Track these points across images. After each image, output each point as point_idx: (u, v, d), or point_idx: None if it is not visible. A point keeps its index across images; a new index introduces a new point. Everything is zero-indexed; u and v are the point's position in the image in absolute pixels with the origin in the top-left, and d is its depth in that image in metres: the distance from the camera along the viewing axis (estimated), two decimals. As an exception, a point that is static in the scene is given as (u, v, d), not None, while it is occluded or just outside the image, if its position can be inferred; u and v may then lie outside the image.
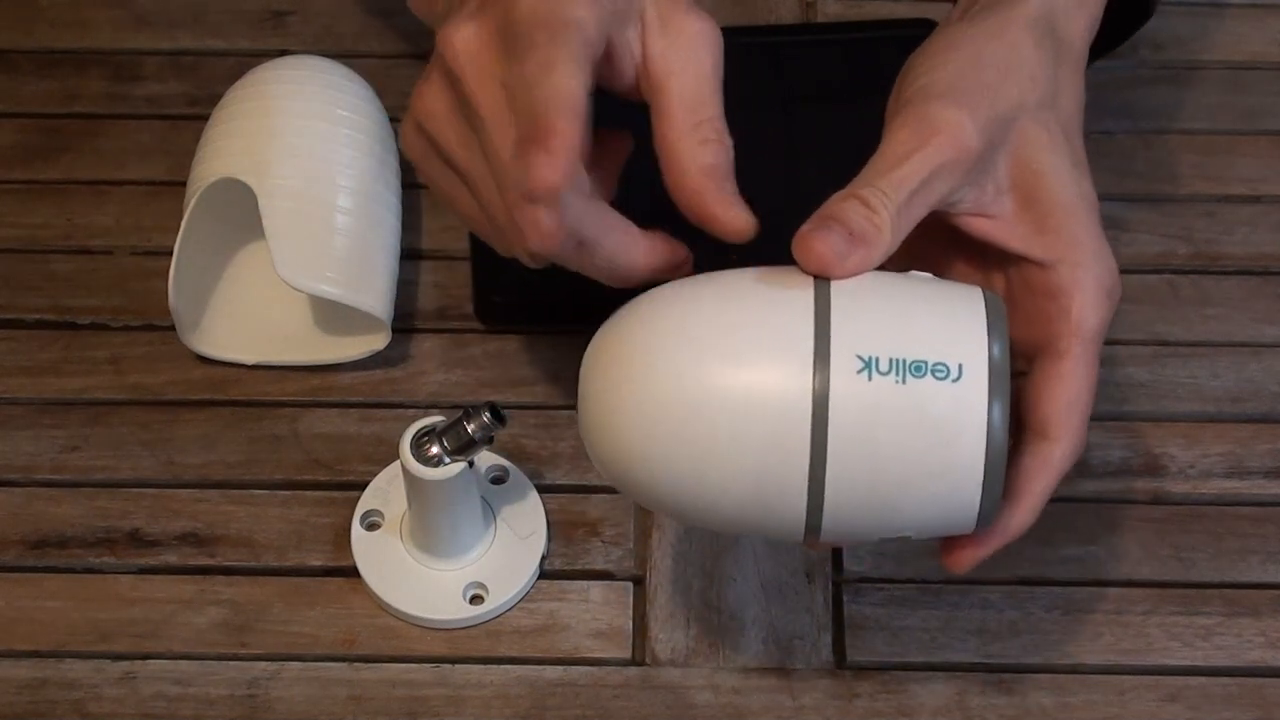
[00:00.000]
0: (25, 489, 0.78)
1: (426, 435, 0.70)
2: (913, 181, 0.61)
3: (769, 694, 0.73)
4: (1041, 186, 0.63)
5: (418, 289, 0.83)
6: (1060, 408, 0.63)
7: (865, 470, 0.59)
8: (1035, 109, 0.64)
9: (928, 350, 0.58)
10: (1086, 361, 0.63)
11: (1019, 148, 0.63)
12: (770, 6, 0.93)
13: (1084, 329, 0.63)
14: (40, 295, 0.83)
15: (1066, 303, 0.63)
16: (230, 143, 0.79)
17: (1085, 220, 0.64)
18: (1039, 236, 0.63)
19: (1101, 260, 0.64)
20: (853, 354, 0.58)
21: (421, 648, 0.74)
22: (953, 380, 0.58)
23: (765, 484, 0.59)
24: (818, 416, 0.58)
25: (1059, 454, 0.63)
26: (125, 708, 0.72)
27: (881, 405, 0.58)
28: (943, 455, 0.58)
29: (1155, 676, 0.73)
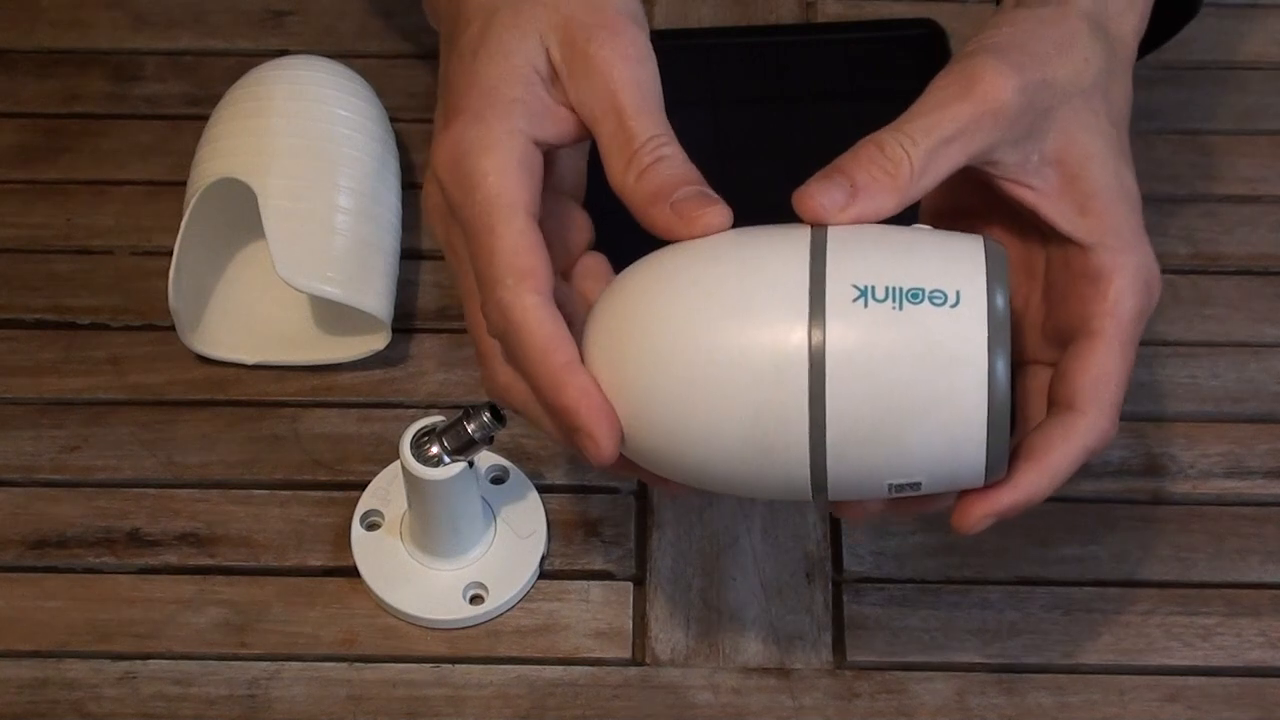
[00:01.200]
0: (25, 489, 0.78)
1: (426, 435, 0.71)
2: (946, 129, 0.61)
3: (769, 694, 0.73)
4: (1086, 168, 0.63)
5: (418, 289, 0.83)
6: (1088, 382, 0.62)
7: (867, 401, 0.57)
8: (1088, 92, 0.63)
9: (924, 278, 0.58)
10: (1121, 344, 0.62)
11: (1068, 125, 0.63)
12: (770, 6, 0.93)
13: (1119, 311, 0.62)
14: (40, 295, 0.83)
15: (1105, 285, 0.62)
16: (230, 143, 0.79)
17: (1126, 210, 0.63)
18: (1081, 217, 0.63)
19: (1141, 252, 0.63)
20: (848, 284, 0.57)
21: (421, 648, 0.74)
22: (951, 306, 0.57)
23: (766, 427, 0.58)
24: (815, 355, 0.57)
25: (1083, 425, 0.62)
26: (125, 708, 0.72)
27: (879, 331, 0.57)
28: (944, 382, 0.57)
29: (1155, 676, 0.73)
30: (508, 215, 0.60)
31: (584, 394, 0.60)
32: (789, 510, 0.77)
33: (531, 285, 0.60)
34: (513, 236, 0.60)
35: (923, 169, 0.60)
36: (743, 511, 0.77)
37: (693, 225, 0.60)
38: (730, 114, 0.82)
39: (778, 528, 0.76)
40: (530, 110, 0.62)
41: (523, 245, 0.60)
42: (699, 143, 0.78)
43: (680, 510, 0.77)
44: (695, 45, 0.89)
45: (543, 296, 0.60)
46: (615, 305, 0.61)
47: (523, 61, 0.62)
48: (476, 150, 0.61)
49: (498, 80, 0.62)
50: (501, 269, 0.60)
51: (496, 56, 0.63)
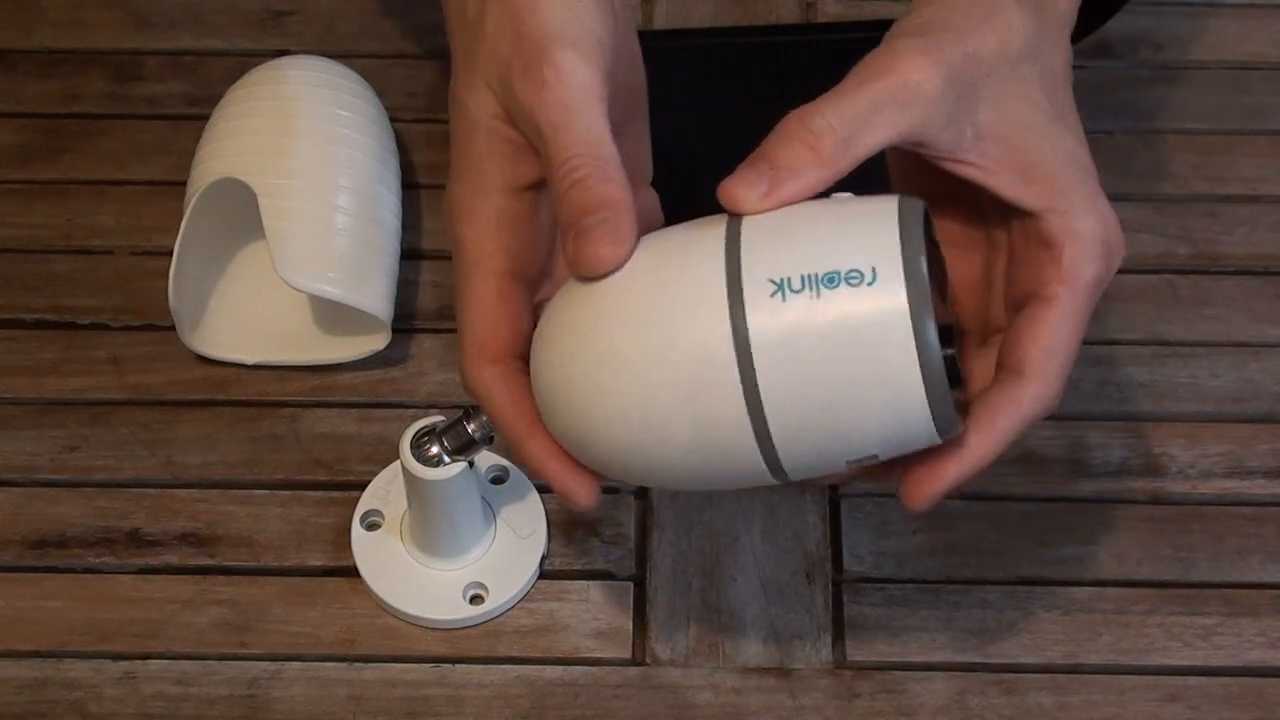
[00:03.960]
0: (25, 489, 0.78)
1: (426, 435, 0.71)
2: (871, 99, 0.61)
3: (769, 694, 0.73)
4: (1023, 137, 0.63)
5: (418, 289, 0.83)
6: (1038, 349, 0.62)
7: (801, 393, 0.57)
8: (1016, 61, 0.63)
9: (838, 260, 0.57)
10: (1074, 310, 0.62)
11: (998, 96, 0.62)
12: (770, 6, 0.93)
13: (1073, 276, 0.62)
14: (40, 295, 0.83)
15: (1058, 251, 0.62)
16: (230, 143, 0.79)
17: (1073, 173, 0.63)
18: (1025, 185, 0.62)
19: (1095, 211, 0.63)
20: (764, 280, 0.57)
21: (421, 648, 0.74)
22: (868, 284, 0.57)
23: (711, 434, 0.58)
24: (741, 352, 0.57)
25: (1030, 394, 0.62)
26: (125, 708, 0.72)
27: (801, 324, 0.57)
28: (875, 361, 0.57)
29: (1155, 676, 0.73)
30: (478, 284, 0.63)
31: (545, 458, 0.63)
32: (789, 510, 0.77)
33: (488, 356, 0.63)
34: (476, 306, 0.63)
35: (847, 138, 0.60)
36: (743, 512, 0.77)
37: (584, 263, 0.60)
38: (730, 114, 0.82)
39: (778, 528, 0.76)
40: (501, 160, 0.64)
41: (484, 316, 0.63)
42: (699, 143, 0.78)
43: (680, 510, 0.77)
44: (695, 45, 0.89)
45: (496, 366, 0.63)
46: (551, 325, 0.62)
47: (479, 113, 0.64)
48: (458, 216, 0.64)
49: (464, 138, 0.64)
50: (466, 339, 0.64)
51: (462, 114, 0.64)
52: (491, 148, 0.64)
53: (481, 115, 0.64)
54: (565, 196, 0.61)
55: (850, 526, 0.76)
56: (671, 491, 0.61)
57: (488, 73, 0.63)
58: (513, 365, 0.64)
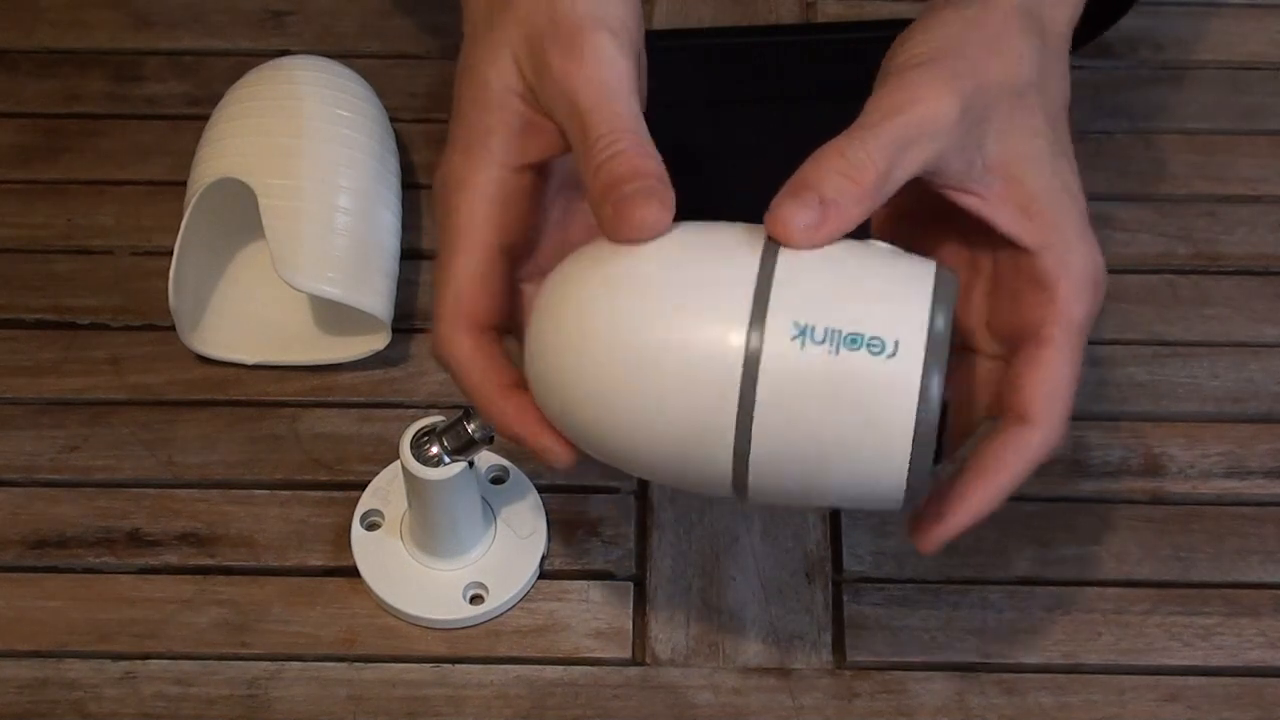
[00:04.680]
0: (25, 489, 0.78)
1: (426, 435, 0.71)
2: (901, 134, 0.61)
3: (769, 694, 0.73)
4: (1025, 171, 0.63)
5: (418, 289, 0.83)
6: (1041, 394, 0.62)
7: (791, 436, 0.58)
8: (1022, 89, 0.63)
9: (865, 323, 0.58)
10: (1070, 350, 0.62)
11: (1005, 127, 0.63)
12: (770, 6, 0.93)
13: (1067, 317, 0.62)
14: (40, 295, 0.83)
15: (1051, 290, 0.62)
16: (230, 143, 0.79)
17: (1068, 209, 0.63)
18: (1025, 220, 0.63)
19: (1086, 251, 0.63)
20: (790, 319, 0.57)
21: (421, 648, 0.74)
22: (887, 356, 0.57)
23: (693, 441, 0.59)
24: (747, 377, 0.57)
25: (1037, 440, 0.62)
26: (125, 708, 0.72)
27: (812, 374, 0.57)
28: (870, 432, 0.58)
29: (1155, 676, 0.73)
30: (463, 255, 0.63)
31: (521, 415, 0.63)
32: (789, 510, 0.77)
33: (466, 323, 0.63)
34: (459, 276, 0.63)
35: (886, 171, 0.60)
36: (742, 511, 0.77)
37: (627, 224, 0.60)
38: (730, 114, 0.82)
39: (778, 528, 0.76)
40: (509, 134, 0.63)
41: (466, 286, 0.63)
42: (699, 142, 0.79)
43: (680, 510, 0.77)
44: (695, 45, 0.89)
45: (475, 334, 0.63)
46: (557, 293, 0.61)
47: (498, 84, 0.63)
48: (453, 186, 0.64)
49: (474, 107, 0.64)
50: (442, 305, 0.63)
51: (476, 83, 0.64)
52: (502, 121, 0.63)
53: (498, 86, 0.63)
54: (603, 167, 0.60)
55: (850, 526, 0.76)
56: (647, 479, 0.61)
57: (515, 45, 0.63)
58: (490, 335, 0.64)
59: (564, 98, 0.62)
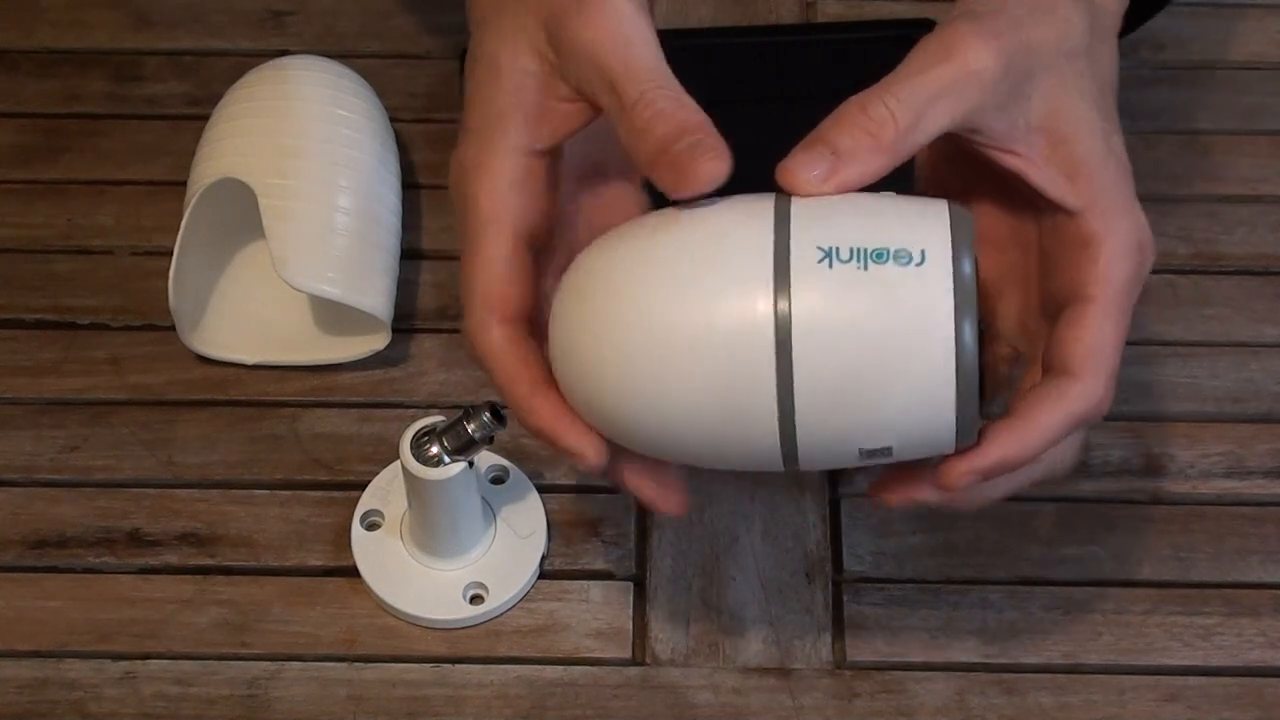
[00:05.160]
0: (25, 489, 0.78)
1: (426, 435, 0.71)
2: (931, 87, 0.60)
3: (769, 694, 0.73)
4: (1073, 133, 0.62)
5: (418, 289, 0.83)
6: (1083, 349, 0.61)
7: (834, 365, 0.57)
8: (1072, 55, 0.63)
9: (889, 238, 0.57)
10: (1116, 311, 0.62)
11: (1053, 89, 0.62)
12: (770, 6, 0.93)
13: (1111, 276, 0.61)
14: (40, 295, 0.83)
15: (1095, 251, 0.62)
16: (230, 143, 0.79)
17: (1115, 175, 0.63)
18: (1069, 182, 0.62)
19: (1131, 215, 0.63)
20: (813, 246, 0.57)
21: (421, 648, 0.74)
22: (916, 265, 0.57)
23: (735, 397, 0.58)
24: (780, 311, 0.57)
25: (1077, 390, 0.61)
26: (125, 708, 0.72)
27: (845, 292, 0.57)
28: (912, 343, 0.57)
29: (1155, 676, 0.73)
30: (489, 242, 0.62)
31: (555, 416, 0.61)
32: (789, 510, 0.77)
33: (498, 315, 0.62)
34: (488, 264, 0.62)
35: (909, 126, 0.60)
36: (742, 511, 0.77)
37: (691, 181, 0.59)
38: (730, 114, 0.82)
39: (778, 528, 0.76)
40: (525, 119, 0.63)
41: (496, 273, 0.62)
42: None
43: (680, 510, 0.77)
44: (695, 45, 0.89)
45: (507, 325, 0.62)
46: (579, 285, 0.61)
47: (512, 68, 0.63)
48: (471, 172, 0.63)
49: (491, 93, 0.63)
50: (474, 296, 0.62)
51: (488, 68, 0.63)
52: (517, 105, 0.63)
53: (512, 70, 0.63)
54: (648, 127, 0.60)
55: (850, 526, 0.76)
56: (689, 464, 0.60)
57: (531, 27, 0.62)
58: (522, 328, 0.62)
59: (592, 67, 0.61)
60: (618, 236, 0.61)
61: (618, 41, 0.61)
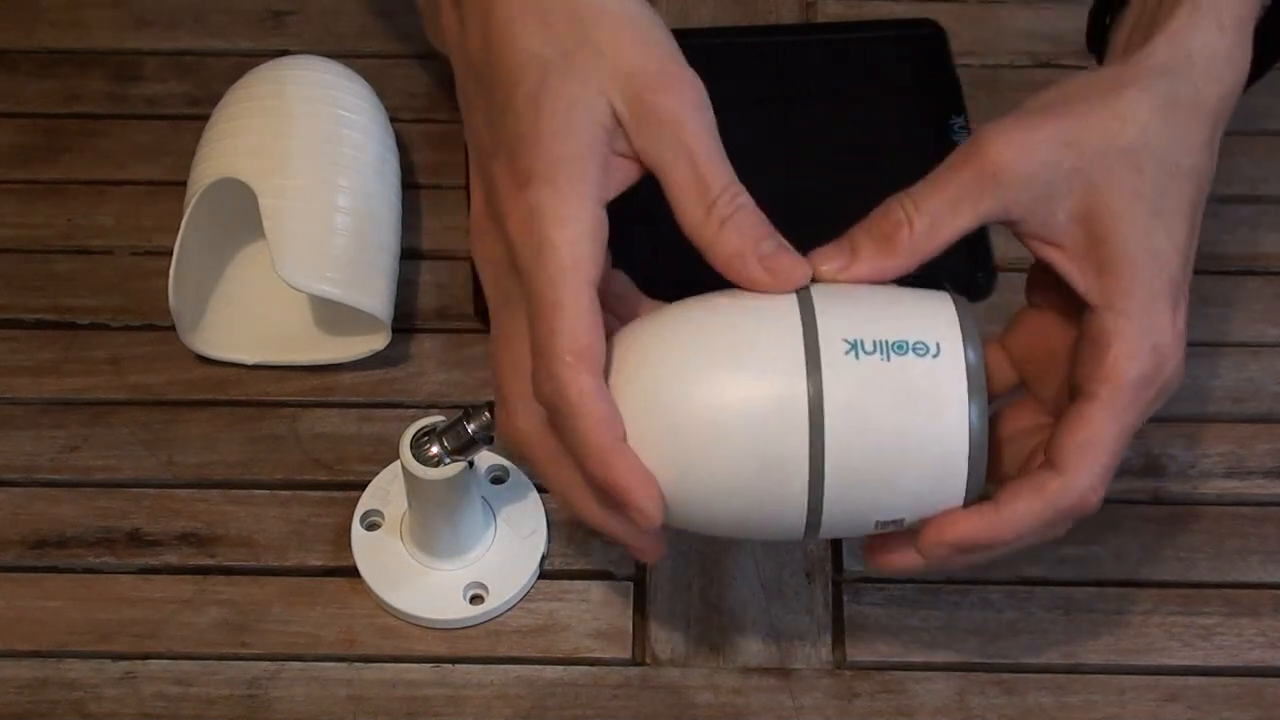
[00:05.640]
0: (25, 489, 0.78)
1: (426, 435, 0.71)
2: (950, 193, 0.62)
3: (769, 694, 0.73)
4: (1111, 229, 0.62)
5: (418, 289, 0.83)
6: (1074, 443, 0.62)
7: (861, 447, 0.61)
8: (1127, 149, 0.63)
9: (907, 332, 0.61)
10: (1115, 409, 0.62)
11: (1098, 183, 0.62)
12: (770, 6, 0.93)
13: (1115, 375, 0.62)
14: (40, 295, 0.83)
15: (1104, 348, 0.62)
16: (230, 143, 0.79)
17: (1146, 275, 0.63)
18: (1098, 279, 0.63)
19: (1153, 315, 0.63)
20: (840, 339, 0.61)
21: (421, 648, 0.74)
22: (933, 356, 0.61)
23: (769, 475, 0.61)
24: (813, 399, 0.61)
25: (1057, 484, 0.62)
26: (125, 708, 0.72)
27: (870, 379, 0.61)
28: (930, 426, 0.61)
29: (1155, 676, 0.73)
30: (575, 291, 0.62)
31: (633, 471, 0.62)
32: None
33: (589, 366, 0.61)
34: (577, 314, 0.61)
35: (925, 232, 0.62)
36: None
37: (784, 281, 0.62)
38: (730, 114, 0.82)
39: (778, 528, 0.76)
40: (598, 170, 0.63)
41: (585, 324, 0.62)
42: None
43: (680, 510, 0.77)
44: (695, 45, 0.88)
45: (597, 377, 0.62)
46: (626, 361, 0.63)
47: (587, 118, 0.63)
48: (551, 220, 0.62)
49: (566, 140, 0.63)
50: (562, 346, 0.61)
51: (560, 113, 0.63)
52: (593, 154, 0.63)
53: (588, 120, 0.63)
54: (732, 221, 0.62)
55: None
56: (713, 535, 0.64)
57: (608, 81, 0.63)
58: (604, 378, 0.62)
59: (675, 141, 0.62)
60: (659, 320, 0.63)
61: (701, 125, 0.63)
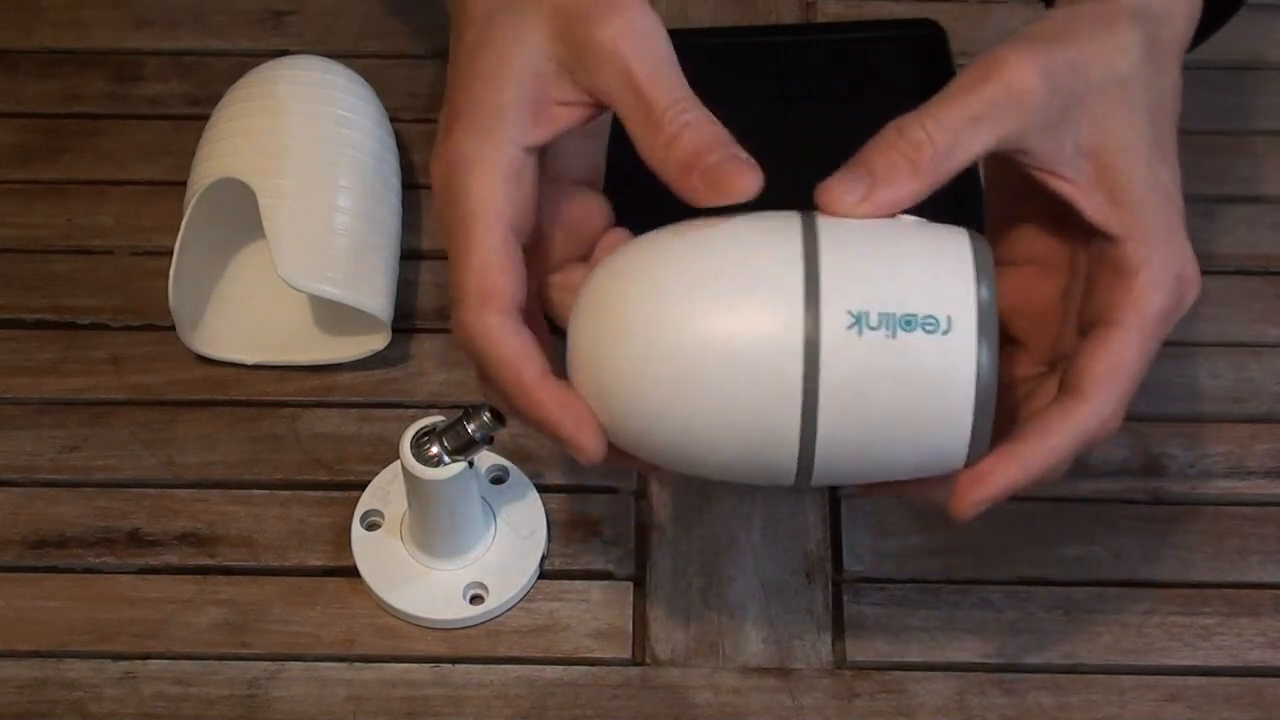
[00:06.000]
0: (25, 489, 0.78)
1: (426, 435, 0.71)
2: (971, 109, 0.60)
3: (769, 694, 0.73)
4: (1119, 160, 0.62)
5: (418, 289, 0.83)
6: (1099, 370, 0.61)
7: (857, 421, 0.59)
8: (1125, 80, 0.62)
9: (917, 302, 0.58)
10: (1140, 336, 0.62)
11: (1102, 114, 0.62)
12: (770, 6, 0.93)
13: (1141, 303, 0.61)
14: (40, 295, 0.83)
15: (1130, 278, 0.62)
16: (230, 143, 0.79)
17: (1160, 204, 0.63)
18: (1113, 209, 0.62)
19: (1173, 245, 0.62)
20: (843, 309, 0.58)
21: (421, 648, 0.74)
22: (943, 333, 0.58)
23: (757, 433, 0.59)
24: (809, 371, 0.58)
25: (1085, 411, 0.61)
26: (125, 708, 0.72)
27: (873, 360, 0.58)
28: (934, 407, 0.59)
29: (1155, 676, 0.73)
30: (482, 233, 0.61)
31: (557, 404, 0.60)
32: (789, 510, 0.77)
33: (495, 305, 0.60)
34: (483, 255, 0.61)
35: (947, 149, 0.60)
36: (742, 512, 0.77)
37: (725, 192, 0.60)
38: (730, 114, 0.82)
39: (778, 528, 0.76)
40: (522, 115, 0.62)
41: (492, 264, 0.61)
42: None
43: (680, 510, 0.77)
44: (695, 45, 0.88)
45: (504, 315, 0.61)
46: (601, 298, 0.61)
47: (519, 64, 0.62)
48: (463, 165, 0.62)
49: (491, 86, 0.62)
50: (467, 288, 0.61)
51: (491, 60, 0.63)
52: (518, 99, 0.62)
53: (520, 64, 0.62)
54: (678, 138, 0.60)
55: (850, 526, 0.76)
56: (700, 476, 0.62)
57: (543, 21, 0.62)
58: (517, 319, 0.61)
59: (615, 70, 0.61)
60: (638, 248, 0.61)
61: (644, 48, 0.61)
